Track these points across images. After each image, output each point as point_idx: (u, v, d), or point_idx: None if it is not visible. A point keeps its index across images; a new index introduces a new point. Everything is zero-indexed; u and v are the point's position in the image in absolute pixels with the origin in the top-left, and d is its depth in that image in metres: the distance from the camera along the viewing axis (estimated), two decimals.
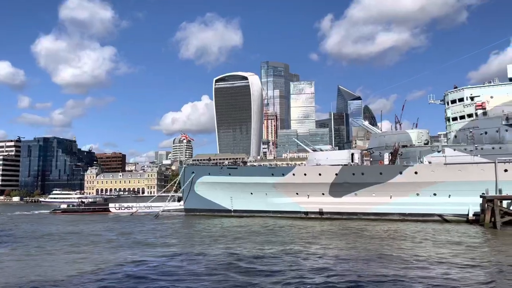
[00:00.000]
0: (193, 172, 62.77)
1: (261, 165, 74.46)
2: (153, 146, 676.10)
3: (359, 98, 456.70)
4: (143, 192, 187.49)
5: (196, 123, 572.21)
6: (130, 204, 76.61)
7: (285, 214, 54.78)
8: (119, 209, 76.49)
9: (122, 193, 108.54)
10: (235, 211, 59.17)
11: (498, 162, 44.61)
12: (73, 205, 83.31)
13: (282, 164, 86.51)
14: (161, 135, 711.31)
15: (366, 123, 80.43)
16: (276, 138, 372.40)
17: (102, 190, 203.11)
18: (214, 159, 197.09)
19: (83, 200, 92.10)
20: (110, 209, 76.87)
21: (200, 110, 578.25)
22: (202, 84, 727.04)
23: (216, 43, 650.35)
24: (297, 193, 54.86)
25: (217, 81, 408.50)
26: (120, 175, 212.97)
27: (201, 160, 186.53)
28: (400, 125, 64.02)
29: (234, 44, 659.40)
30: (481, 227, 40.78)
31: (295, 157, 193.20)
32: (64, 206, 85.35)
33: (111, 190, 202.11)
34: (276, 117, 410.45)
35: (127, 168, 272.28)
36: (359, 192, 51.28)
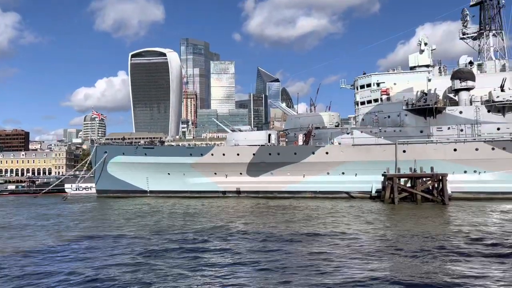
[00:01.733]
0: (105, 152, 59.73)
1: (179, 145, 73.26)
2: (63, 123, 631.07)
3: (277, 80, 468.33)
4: (50, 173, 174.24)
5: (112, 99, 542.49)
6: (89, 185, 68.02)
7: (203, 194, 54.91)
8: (76, 190, 69.04)
9: (79, 172, 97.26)
10: (151, 191, 57.82)
11: (398, 144, 49.11)
12: (22, 186, 74.74)
13: (201, 144, 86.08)
14: (72, 112, 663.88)
15: (283, 105, 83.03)
16: (196, 117, 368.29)
17: (1, 170, 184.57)
18: (129, 138, 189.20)
19: (34, 180, 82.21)
20: (66, 190, 69.01)
21: (116, 86, 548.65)
22: (119, 59, 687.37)
23: (136, 17, 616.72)
24: (215, 173, 55.15)
25: (133, 56, 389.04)
26: (23, 155, 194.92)
27: (114, 139, 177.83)
28: (314, 107, 66.96)
29: (155, 19, 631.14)
30: (382, 202, 44.89)
31: (215, 137, 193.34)
32: (12, 187, 76.62)
33: (11, 170, 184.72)
34: (196, 96, 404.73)
35: (31, 146, 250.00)
36: (275, 172, 53.13)
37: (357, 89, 57.64)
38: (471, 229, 27.29)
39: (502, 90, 48.26)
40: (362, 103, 56.75)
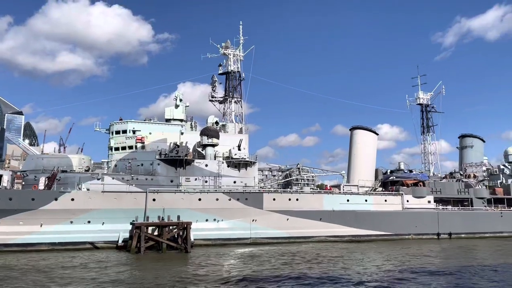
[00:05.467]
0: None
1: None
2: None
3: (21, 113, 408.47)
4: None
5: None
6: None
7: None
8: None
9: None
10: None
11: (149, 192, 49.67)
12: None
13: None
14: None
15: (26, 142, 72.08)
16: None
17: None
18: None
19: None
20: None
21: None
22: None
23: None
24: None
25: None
26: None
27: None
28: (64, 148, 61.27)
29: None
30: (128, 252, 43.53)
31: None
32: None
33: None
34: None
35: None
36: (3, 221, 44.26)
37: (112, 134, 56.25)
38: (205, 276, 29.40)
39: (239, 149, 56.66)
40: (117, 148, 55.51)
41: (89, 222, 47.54)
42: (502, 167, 78.80)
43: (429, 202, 65.12)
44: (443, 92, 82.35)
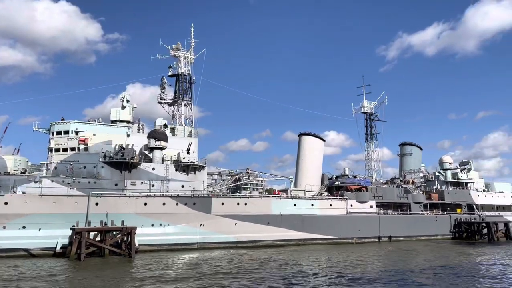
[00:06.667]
0: None
1: None
2: None
3: None
4: None
5: None
6: None
7: None
8: None
9: None
10: None
11: (91, 196, 47.58)
12: None
13: None
14: None
15: None
16: None
17: None
18: None
19: None
20: None
21: None
22: None
23: None
24: None
25: None
26: None
27: None
28: None
29: None
30: (67, 259, 41.36)
31: None
32: None
33: None
34: None
35: None
36: None
37: (53, 134, 53.37)
38: (148, 282, 28.66)
39: (188, 153, 55.86)
40: (57, 150, 52.72)
41: (24, 227, 44.70)
42: (437, 174, 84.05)
43: (371, 206, 67.92)
44: (386, 102, 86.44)
